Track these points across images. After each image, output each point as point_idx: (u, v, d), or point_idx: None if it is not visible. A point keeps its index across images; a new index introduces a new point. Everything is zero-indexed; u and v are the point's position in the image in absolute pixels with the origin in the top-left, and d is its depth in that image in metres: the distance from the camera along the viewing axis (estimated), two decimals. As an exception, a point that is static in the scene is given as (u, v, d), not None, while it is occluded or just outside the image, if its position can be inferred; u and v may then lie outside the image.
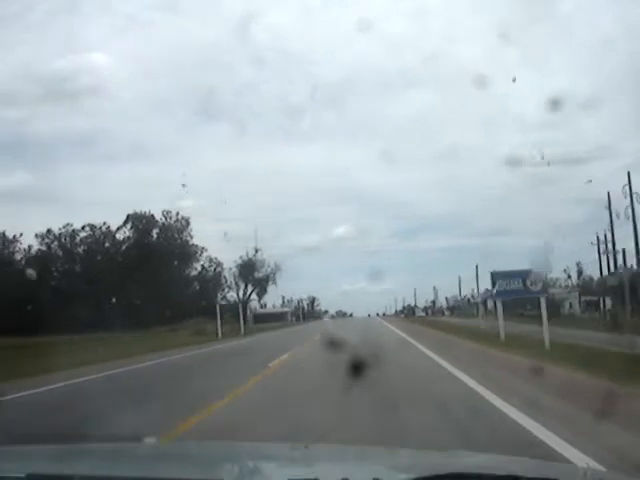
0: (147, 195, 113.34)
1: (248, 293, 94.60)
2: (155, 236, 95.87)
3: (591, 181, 67.44)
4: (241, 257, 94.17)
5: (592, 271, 65.98)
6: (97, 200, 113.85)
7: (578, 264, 74.73)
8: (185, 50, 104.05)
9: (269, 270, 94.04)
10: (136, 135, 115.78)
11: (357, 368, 9.47)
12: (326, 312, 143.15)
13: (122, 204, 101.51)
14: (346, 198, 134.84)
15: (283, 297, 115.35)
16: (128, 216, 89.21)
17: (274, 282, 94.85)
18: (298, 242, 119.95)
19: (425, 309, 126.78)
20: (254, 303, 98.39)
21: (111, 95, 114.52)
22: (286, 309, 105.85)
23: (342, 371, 9.95)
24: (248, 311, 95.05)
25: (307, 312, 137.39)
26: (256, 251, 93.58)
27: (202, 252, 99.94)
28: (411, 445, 6.45)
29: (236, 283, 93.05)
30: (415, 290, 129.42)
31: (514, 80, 46.63)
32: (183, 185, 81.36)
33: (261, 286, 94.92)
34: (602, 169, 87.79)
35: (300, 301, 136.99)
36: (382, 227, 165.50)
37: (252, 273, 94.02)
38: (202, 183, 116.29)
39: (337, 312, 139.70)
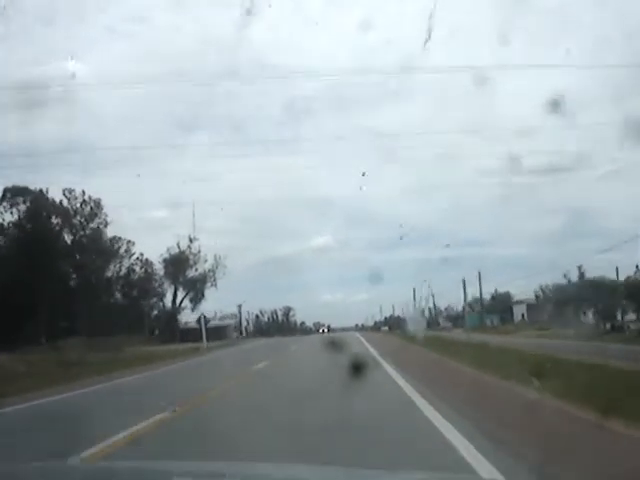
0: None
1: (179, 299, 70.17)
2: (56, 223, 70.96)
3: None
4: (169, 249, 69.73)
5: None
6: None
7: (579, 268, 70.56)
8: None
9: (207, 268, 69.94)
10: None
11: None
12: (302, 324, 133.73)
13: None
14: (325, 210, 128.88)
15: (239, 306, 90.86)
16: (5, 190, 63.66)
17: (213, 284, 70.69)
18: (273, 253, 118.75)
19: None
20: (187, 313, 74.08)
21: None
22: (227, 322, 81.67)
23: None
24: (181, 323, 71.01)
25: (282, 324, 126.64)
26: (190, 240, 69.19)
27: (128, 248, 75.17)
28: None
29: (159, 285, 68.48)
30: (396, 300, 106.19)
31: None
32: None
33: (196, 290, 70.58)
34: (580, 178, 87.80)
35: (274, 312, 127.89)
36: (360, 239, 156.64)
37: (183, 271, 69.49)
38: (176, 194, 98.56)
39: (315, 324, 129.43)
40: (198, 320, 42.24)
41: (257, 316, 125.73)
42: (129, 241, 74.93)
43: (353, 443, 6.53)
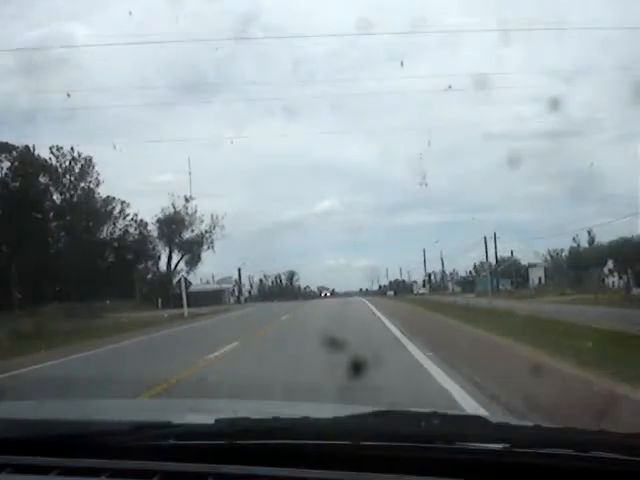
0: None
1: (174, 262, 66.19)
2: (43, 182, 66.66)
3: None
4: (163, 210, 65.57)
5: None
6: None
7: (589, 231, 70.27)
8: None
9: (203, 229, 65.80)
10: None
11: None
12: (306, 288, 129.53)
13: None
14: (330, 174, 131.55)
15: (239, 269, 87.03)
16: (-14, 146, 59.20)
17: (210, 246, 66.66)
18: (278, 218, 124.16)
19: (423, 284, 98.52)
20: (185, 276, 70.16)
21: None
22: (224, 286, 77.70)
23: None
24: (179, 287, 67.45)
25: (285, 289, 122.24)
26: (187, 200, 64.96)
27: (122, 209, 70.97)
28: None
29: (153, 248, 64.47)
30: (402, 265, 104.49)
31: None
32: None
33: (192, 252, 66.61)
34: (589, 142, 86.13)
35: (277, 276, 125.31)
36: (366, 203, 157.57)
37: (178, 232, 65.45)
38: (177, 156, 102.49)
39: (319, 288, 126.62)
40: (178, 282, 38.23)
41: (261, 280, 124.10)
42: (123, 202, 70.83)
43: None
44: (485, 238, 65.13)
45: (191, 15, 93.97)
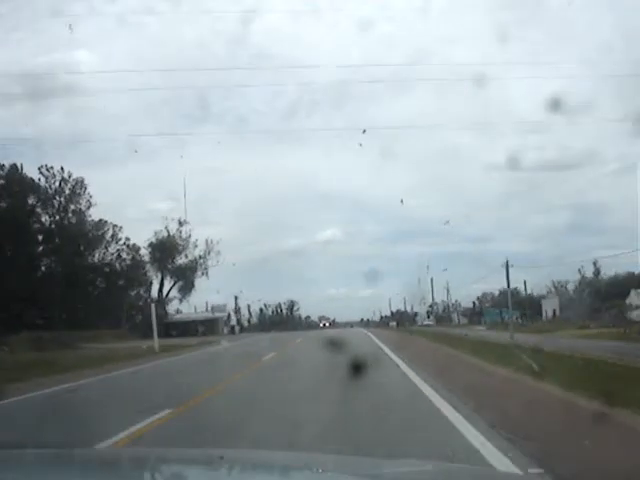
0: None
1: (166, 289, 62.61)
2: (31, 203, 63.46)
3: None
4: (156, 234, 62.24)
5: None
6: None
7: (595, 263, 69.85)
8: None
9: (197, 254, 62.39)
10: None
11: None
12: (307, 318, 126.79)
13: None
14: (332, 203, 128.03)
15: (236, 297, 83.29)
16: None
17: (204, 273, 63.17)
18: (279, 246, 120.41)
19: (428, 315, 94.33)
20: (176, 305, 66.54)
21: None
22: (218, 314, 73.32)
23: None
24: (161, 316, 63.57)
25: (286, 318, 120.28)
26: (180, 224, 61.66)
27: (114, 233, 67.58)
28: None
29: (144, 273, 60.94)
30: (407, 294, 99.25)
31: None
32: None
33: (185, 279, 63.09)
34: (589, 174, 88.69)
35: (278, 306, 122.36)
36: (368, 232, 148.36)
37: (171, 258, 62.03)
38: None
39: (319, 318, 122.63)
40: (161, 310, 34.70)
41: (261, 309, 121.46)
42: (115, 225, 67.48)
43: None
44: (507, 262, 61.35)
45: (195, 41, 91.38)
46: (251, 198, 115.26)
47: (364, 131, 61.81)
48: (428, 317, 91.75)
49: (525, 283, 79.68)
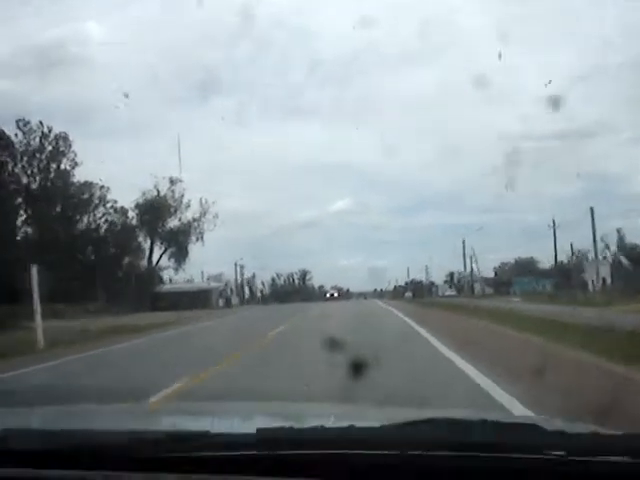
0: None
1: (157, 256, 55.84)
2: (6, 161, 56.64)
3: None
4: (144, 194, 55.35)
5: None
6: None
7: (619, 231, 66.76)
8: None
9: (191, 218, 55.48)
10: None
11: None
12: (320, 288, 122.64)
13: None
14: (345, 175, 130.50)
15: (237, 265, 76.09)
16: None
17: (199, 237, 56.31)
18: (294, 217, 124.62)
19: (449, 285, 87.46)
20: (170, 273, 59.80)
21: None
22: (213, 285, 64.67)
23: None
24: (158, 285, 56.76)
25: (297, 288, 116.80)
26: (172, 182, 54.72)
27: (102, 195, 60.60)
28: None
29: (132, 238, 54.12)
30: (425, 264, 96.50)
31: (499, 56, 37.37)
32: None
33: (178, 245, 56.27)
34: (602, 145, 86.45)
35: (290, 275, 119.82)
36: (381, 204, 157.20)
37: (161, 221, 55.15)
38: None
39: (332, 287, 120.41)
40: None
41: (273, 279, 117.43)
42: (102, 186, 60.38)
43: None
44: (554, 222, 53.97)
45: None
46: (262, 171, 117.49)
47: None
48: (450, 287, 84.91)
49: (572, 246, 72.21)
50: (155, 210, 53.73)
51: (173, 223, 56.13)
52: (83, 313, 37.86)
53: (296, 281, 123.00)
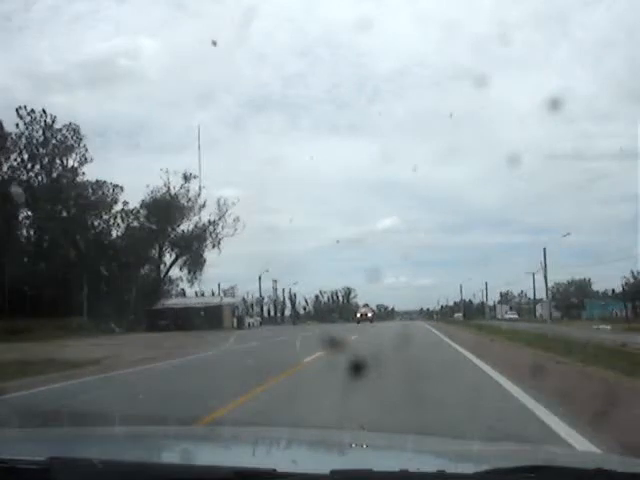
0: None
1: (167, 265, 47.74)
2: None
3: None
4: (153, 192, 47.54)
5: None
6: None
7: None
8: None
9: (207, 221, 47.40)
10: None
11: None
12: (365, 306, 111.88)
13: None
14: (392, 192, 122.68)
15: (260, 279, 67.19)
16: None
17: (216, 244, 48.12)
18: (337, 234, 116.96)
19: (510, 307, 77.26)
20: (184, 285, 51.60)
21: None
22: (227, 301, 54.63)
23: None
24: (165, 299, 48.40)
25: (342, 306, 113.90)
26: (185, 179, 46.90)
27: (114, 196, 52.97)
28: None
29: (142, 245, 46.12)
30: (485, 284, 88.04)
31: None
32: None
33: (191, 252, 48.15)
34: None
35: (334, 293, 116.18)
36: (428, 221, 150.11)
37: (171, 222, 47.15)
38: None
39: (364, 305, 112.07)
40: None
41: (317, 296, 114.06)
42: (116, 186, 52.74)
43: None
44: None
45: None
46: (310, 185, 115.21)
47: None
48: (511, 309, 74.85)
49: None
50: (164, 211, 45.78)
51: (186, 227, 48.16)
52: (54, 331, 29.94)
53: (340, 299, 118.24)
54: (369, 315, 58.80)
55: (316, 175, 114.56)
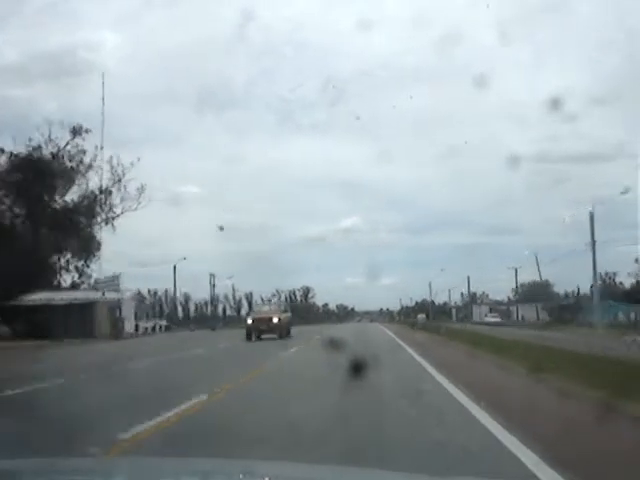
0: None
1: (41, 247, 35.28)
2: None
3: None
4: (30, 145, 35.21)
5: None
6: None
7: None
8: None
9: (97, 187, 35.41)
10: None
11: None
12: (325, 306, 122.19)
13: None
14: (350, 192, 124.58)
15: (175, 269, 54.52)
16: None
17: (108, 221, 36.14)
18: (298, 234, 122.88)
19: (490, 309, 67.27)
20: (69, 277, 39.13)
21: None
22: (111, 296, 39.81)
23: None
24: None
25: (298, 306, 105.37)
26: (75, 132, 34.97)
27: None
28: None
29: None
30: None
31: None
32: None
33: (69, 231, 35.73)
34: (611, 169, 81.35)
35: (292, 292, 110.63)
36: (386, 223, 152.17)
37: (46, 190, 34.84)
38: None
39: (337, 306, 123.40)
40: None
41: (273, 295, 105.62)
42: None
43: None
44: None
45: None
46: (268, 186, 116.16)
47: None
48: (490, 310, 64.62)
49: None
50: (36, 174, 33.11)
51: (70, 196, 35.62)
52: None
53: (298, 298, 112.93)
54: (274, 321, 30.44)
55: (277, 173, 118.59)
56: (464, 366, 14.19)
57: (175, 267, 60.24)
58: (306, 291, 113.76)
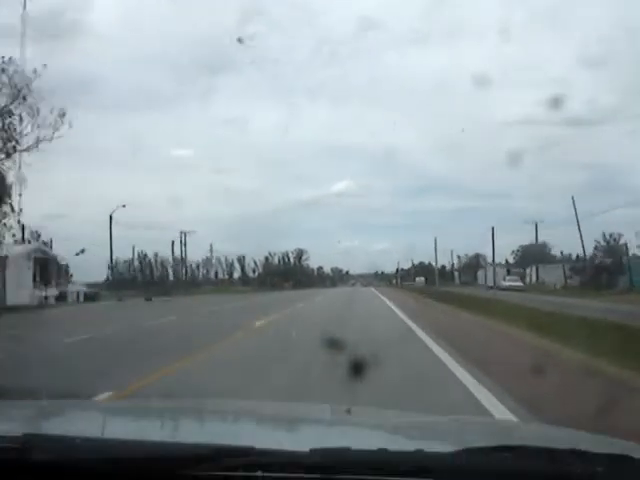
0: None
1: None
2: None
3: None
4: None
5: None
6: None
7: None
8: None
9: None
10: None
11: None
12: (319, 269, 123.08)
13: None
14: (348, 156, 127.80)
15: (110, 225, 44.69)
16: None
17: (10, 151, 27.27)
18: (294, 197, 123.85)
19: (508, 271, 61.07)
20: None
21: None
22: (27, 247, 33.42)
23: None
24: None
25: (292, 269, 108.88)
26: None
27: None
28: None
29: None
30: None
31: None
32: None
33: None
34: (610, 132, 79.99)
35: (285, 255, 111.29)
36: (384, 187, 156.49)
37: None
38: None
39: (332, 269, 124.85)
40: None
41: (267, 258, 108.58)
42: None
43: None
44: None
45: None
46: (266, 148, 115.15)
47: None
48: (508, 273, 57.04)
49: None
50: None
51: None
52: None
53: (292, 261, 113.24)
54: None
55: (272, 138, 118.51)
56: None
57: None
58: (300, 253, 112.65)
